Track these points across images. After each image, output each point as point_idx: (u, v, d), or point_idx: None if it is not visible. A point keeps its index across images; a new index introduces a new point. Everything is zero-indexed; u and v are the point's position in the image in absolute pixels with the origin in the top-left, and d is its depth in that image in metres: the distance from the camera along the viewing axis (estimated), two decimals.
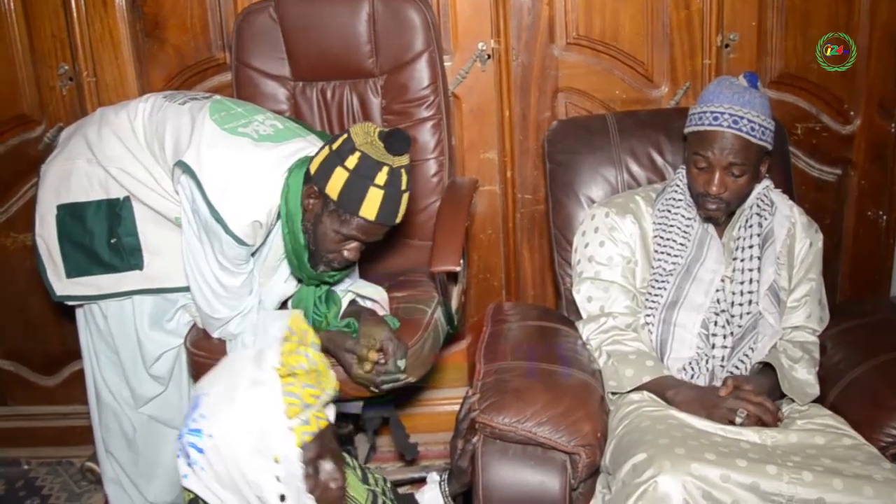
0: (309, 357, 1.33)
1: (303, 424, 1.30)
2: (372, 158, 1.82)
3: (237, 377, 1.31)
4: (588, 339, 2.06)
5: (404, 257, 2.50)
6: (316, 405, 1.32)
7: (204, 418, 1.28)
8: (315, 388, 1.32)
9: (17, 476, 2.86)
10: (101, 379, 2.28)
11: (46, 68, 2.62)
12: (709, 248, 2.02)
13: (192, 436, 1.29)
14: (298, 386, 1.30)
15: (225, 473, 1.28)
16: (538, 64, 2.64)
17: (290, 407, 1.28)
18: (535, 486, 1.75)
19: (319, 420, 1.33)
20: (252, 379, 1.29)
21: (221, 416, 1.27)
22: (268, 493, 1.28)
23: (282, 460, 1.27)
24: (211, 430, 1.27)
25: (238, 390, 1.29)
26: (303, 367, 1.31)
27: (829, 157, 2.75)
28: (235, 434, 1.26)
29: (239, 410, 1.27)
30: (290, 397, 1.28)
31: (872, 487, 1.58)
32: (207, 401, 1.30)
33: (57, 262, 2.18)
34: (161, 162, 2.08)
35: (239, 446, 1.26)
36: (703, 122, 1.94)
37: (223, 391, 1.30)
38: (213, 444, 1.27)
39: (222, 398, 1.29)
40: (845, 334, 2.10)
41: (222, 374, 1.34)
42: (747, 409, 1.79)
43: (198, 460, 1.29)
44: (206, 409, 1.29)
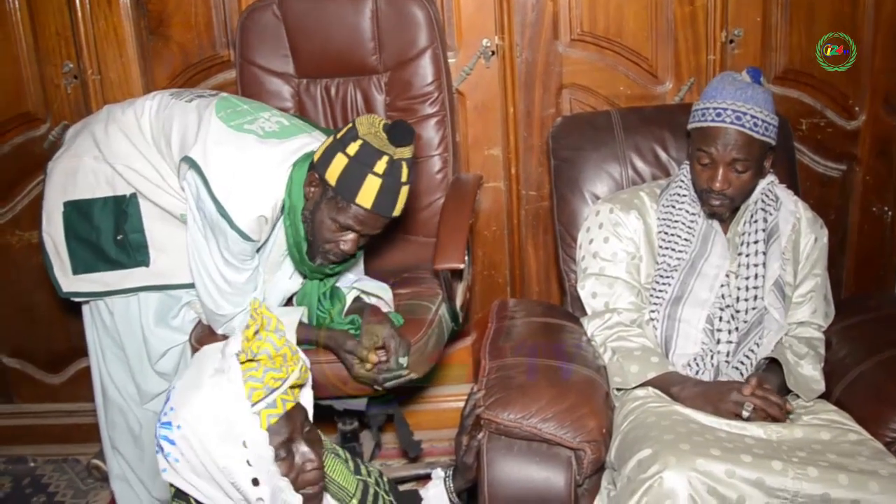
0: (272, 342, 1.33)
1: (268, 407, 1.31)
2: (373, 147, 1.82)
3: (202, 367, 1.33)
4: (593, 335, 2.06)
5: (408, 254, 2.50)
6: (281, 388, 1.33)
7: (173, 410, 1.30)
8: (279, 372, 1.33)
9: (23, 474, 2.87)
10: (107, 375, 2.29)
11: (51, 66, 2.62)
12: (713, 243, 2.02)
13: (163, 429, 1.30)
14: (261, 370, 1.31)
15: (198, 462, 1.29)
16: (542, 60, 2.64)
17: (252, 391, 1.29)
18: (541, 482, 1.75)
19: (286, 402, 1.34)
20: (215, 367, 1.31)
21: (187, 405, 1.29)
22: (240, 479, 1.29)
23: (249, 444, 1.28)
24: (179, 420, 1.28)
25: (202, 378, 1.31)
26: (266, 352, 1.32)
27: (834, 153, 2.74)
28: (201, 422, 1.28)
29: (203, 398, 1.29)
30: (252, 381, 1.30)
31: (878, 483, 1.58)
32: (175, 393, 1.32)
33: (63, 258, 2.19)
34: (167, 159, 2.09)
35: (206, 434, 1.27)
36: (706, 119, 1.94)
37: (189, 382, 1.32)
38: (182, 434, 1.28)
39: (188, 388, 1.31)
40: (850, 330, 2.10)
41: (191, 367, 1.37)
42: (753, 402, 1.79)
43: (171, 452, 1.30)
44: (174, 402, 1.31)
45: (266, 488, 1.30)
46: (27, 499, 2.73)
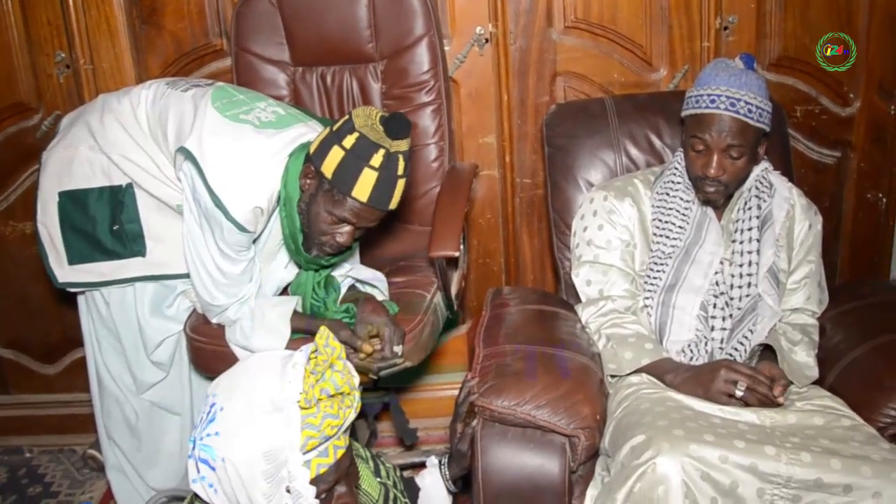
0: (334, 382, 1.27)
1: (319, 456, 1.27)
2: (369, 140, 1.82)
3: (257, 394, 1.26)
4: (587, 322, 2.07)
5: (404, 243, 2.50)
6: (335, 435, 1.29)
7: (218, 436, 1.24)
8: (336, 418, 1.27)
9: (19, 464, 2.88)
10: (103, 365, 2.29)
11: (43, 56, 2.61)
12: (707, 230, 2.02)
13: (204, 451, 1.26)
14: (319, 417, 1.25)
15: (233, 495, 1.26)
16: (536, 48, 2.63)
17: (308, 440, 1.25)
18: (535, 469, 1.76)
19: (337, 450, 1.30)
20: (272, 403, 1.25)
21: (235, 439, 1.24)
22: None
23: (293, 493, 1.25)
24: (224, 452, 1.24)
25: (255, 413, 1.25)
26: (327, 392, 1.26)
27: (829, 140, 2.74)
28: (248, 462, 1.23)
29: (255, 437, 1.23)
30: (310, 430, 1.24)
31: (870, 467, 1.59)
32: (223, 417, 1.26)
33: (59, 248, 2.19)
34: (164, 149, 2.08)
35: (251, 474, 1.23)
36: (700, 105, 1.94)
37: (240, 410, 1.26)
38: (225, 467, 1.24)
39: (238, 419, 1.25)
40: (844, 316, 2.10)
41: (241, 385, 1.29)
42: (742, 379, 1.79)
43: (207, 476, 1.27)
44: (221, 426, 1.25)
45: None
46: (23, 489, 2.74)
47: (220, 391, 1.30)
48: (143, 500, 2.35)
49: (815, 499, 1.59)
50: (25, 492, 2.73)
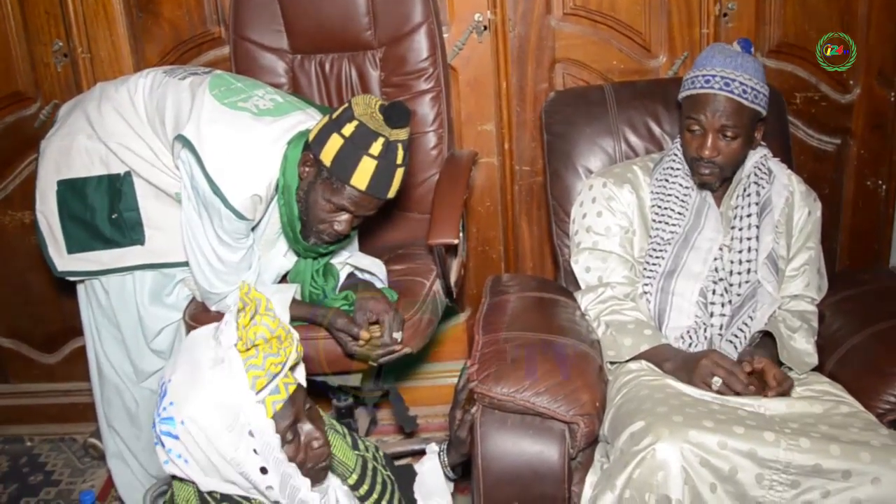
0: (266, 325, 1.32)
1: (272, 394, 1.31)
2: (368, 128, 1.81)
3: (198, 358, 1.31)
4: (586, 309, 2.07)
5: (403, 230, 2.50)
6: (281, 372, 1.33)
7: (173, 405, 1.28)
8: (277, 356, 1.32)
9: (20, 453, 2.88)
10: (102, 354, 2.29)
11: (40, 45, 2.60)
12: (707, 216, 2.02)
13: (164, 424, 1.29)
14: (260, 357, 1.30)
15: (202, 456, 1.28)
16: (535, 35, 2.62)
17: (255, 380, 1.29)
18: (534, 456, 1.76)
19: (288, 386, 1.34)
20: (213, 358, 1.30)
21: (189, 400, 1.27)
22: (248, 468, 1.29)
23: (256, 433, 1.28)
24: (181, 415, 1.27)
25: (201, 371, 1.29)
26: (262, 336, 1.31)
27: (829, 127, 2.73)
28: (206, 416, 1.27)
29: (205, 392, 1.27)
30: (254, 370, 1.29)
31: (869, 453, 1.59)
32: (173, 387, 1.30)
33: (58, 237, 2.19)
34: (162, 137, 2.08)
35: (211, 427, 1.27)
36: (695, 86, 1.94)
37: (187, 375, 1.30)
38: (186, 429, 1.27)
39: (187, 382, 1.29)
40: (844, 303, 2.10)
41: (183, 358, 1.34)
42: (717, 373, 1.79)
43: (173, 448, 1.30)
44: (173, 396, 1.29)
45: (275, 476, 1.30)
46: (24, 478, 2.75)
47: (167, 371, 1.35)
48: (144, 487, 2.36)
49: (814, 484, 1.59)
50: (27, 480, 2.73)
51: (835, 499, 1.59)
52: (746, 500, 1.60)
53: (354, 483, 1.60)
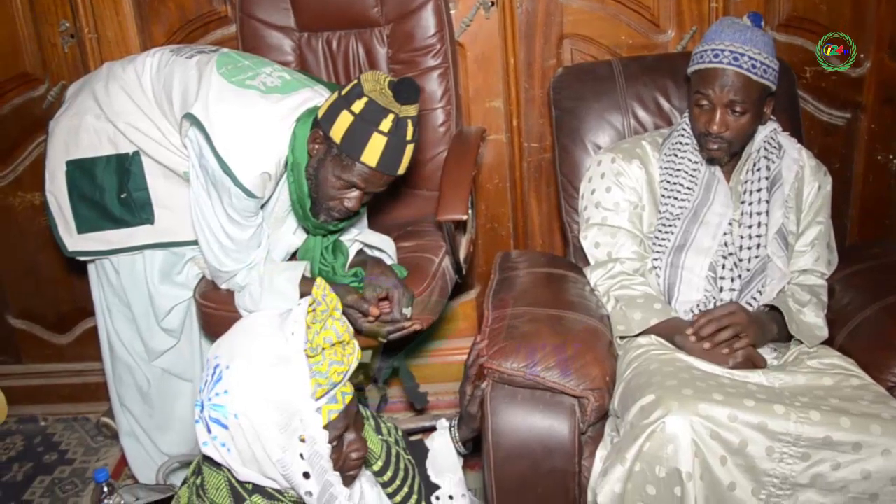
0: (335, 330, 1.30)
1: (329, 403, 1.30)
2: (378, 104, 1.81)
3: (261, 351, 1.29)
4: (596, 284, 2.06)
5: (412, 207, 2.50)
6: (342, 381, 1.32)
7: (227, 394, 1.26)
8: (341, 364, 1.30)
9: (34, 432, 2.91)
10: (114, 333, 2.31)
11: (47, 26, 2.60)
12: (716, 191, 2.02)
13: (214, 410, 1.27)
14: (325, 364, 1.28)
15: (248, 451, 1.27)
16: (543, 10, 2.60)
17: (317, 388, 1.27)
18: (544, 431, 1.76)
19: (345, 396, 1.33)
20: (278, 356, 1.27)
21: (246, 394, 1.25)
22: (292, 471, 1.28)
23: (308, 440, 1.27)
24: (235, 407, 1.25)
25: (263, 367, 1.27)
26: (329, 341, 1.29)
27: (839, 101, 2.71)
28: (261, 414, 1.25)
29: (265, 390, 1.25)
30: (318, 377, 1.27)
31: (880, 425, 1.59)
32: (229, 375, 1.27)
33: (68, 217, 2.20)
34: (169, 116, 2.08)
35: (264, 426, 1.25)
36: (704, 61, 1.93)
37: (246, 366, 1.28)
38: (238, 423, 1.26)
39: (247, 374, 1.27)
40: (854, 277, 2.10)
41: (242, 344, 1.31)
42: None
43: (219, 435, 1.28)
44: (229, 384, 1.27)
45: (316, 482, 1.29)
46: (39, 457, 2.77)
47: (222, 352, 1.32)
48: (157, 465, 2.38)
49: (825, 457, 1.59)
50: (41, 459, 2.76)
51: (845, 471, 1.59)
52: (757, 472, 1.60)
53: (379, 470, 1.60)
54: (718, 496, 1.61)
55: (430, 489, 1.74)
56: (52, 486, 2.63)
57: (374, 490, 1.55)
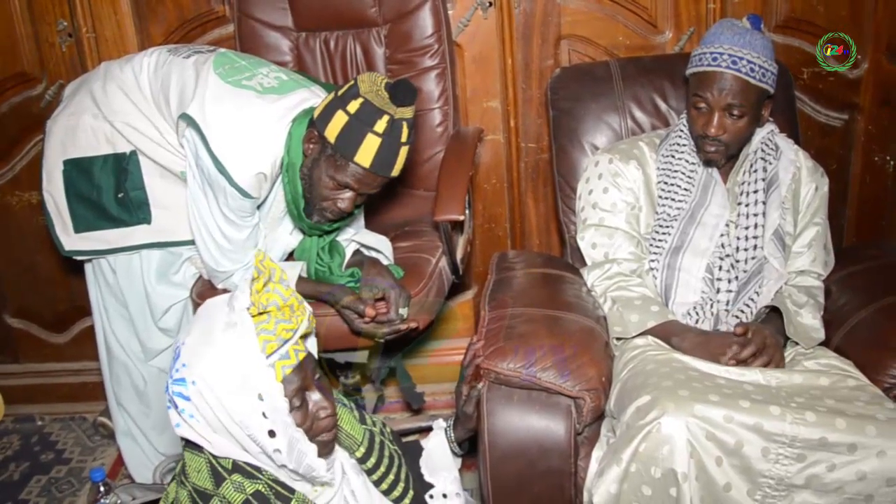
0: (279, 293, 1.34)
1: (282, 359, 1.32)
2: (374, 105, 1.81)
3: (212, 322, 1.33)
4: (593, 285, 2.07)
5: (409, 208, 2.50)
6: (292, 338, 1.35)
7: (185, 367, 1.30)
8: (289, 322, 1.34)
9: (31, 432, 2.91)
10: (111, 333, 2.31)
11: (45, 25, 2.60)
12: (713, 192, 2.02)
13: (176, 385, 1.31)
14: (272, 322, 1.32)
15: (213, 417, 1.30)
16: (540, 11, 2.60)
17: (266, 343, 1.30)
18: (541, 431, 1.76)
19: (298, 353, 1.35)
20: (226, 322, 1.31)
21: (201, 361, 1.29)
22: (256, 431, 1.30)
23: (265, 397, 1.29)
24: (193, 376, 1.29)
25: (214, 334, 1.31)
26: (275, 303, 1.33)
27: (836, 102, 2.72)
28: (216, 376, 1.28)
29: (217, 353, 1.29)
30: (265, 334, 1.31)
31: (875, 427, 1.59)
32: (185, 349, 1.32)
33: (65, 217, 2.20)
34: (166, 116, 2.08)
35: (221, 388, 1.28)
36: (702, 63, 1.93)
37: (199, 337, 1.32)
38: (197, 389, 1.29)
39: (199, 344, 1.31)
40: (850, 278, 2.10)
41: (197, 322, 1.37)
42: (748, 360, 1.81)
43: (185, 408, 1.31)
44: (185, 358, 1.31)
45: (283, 439, 1.32)
46: (36, 456, 2.77)
47: (181, 335, 1.37)
48: (153, 465, 2.39)
49: (820, 458, 1.59)
50: (38, 458, 2.76)
51: (840, 472, 1.59)
52: (752, 473, 1.60)
53: (362, 456, 1.61)
54: (714, 497, 1.61)
55: (424, 488, 1.74)
56: (49, 486, 2.63)
57: (359, 478, 1.55)
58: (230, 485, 1.33)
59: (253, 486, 1.33)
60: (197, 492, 1.35)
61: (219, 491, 1.33)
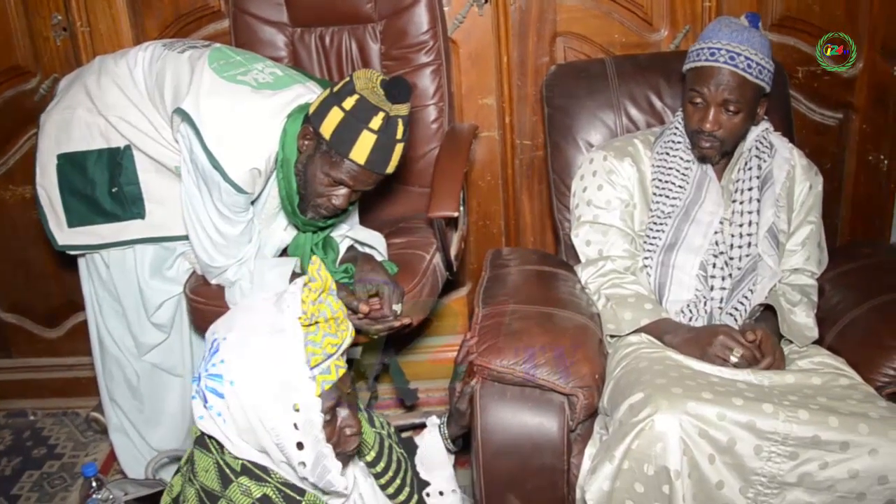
0: (329, 305, 1.33)
1: (323, 373, 1.31)
2: (369, 102, 1.81)
3: (257, 322, 1.31)
4: (587, 282, 2.07)
5: (403, 204, 2.50)
6: (336, 353, 1.34)
7: (224, 364, 1.28)
8: (335, 337, 1.33)
9: (23, 426, 2.90)
10: (104, 328, 2.30)
11: (39, 19, 2.59)
12: (707, 190, 2.02)
13: (211, 380, 1.29)
14: (320, 335, 1.31)
15: (243, 419, 1.29)
16: (536, 8, 2.60)
17: (311, 356, 1.29)
18: (534, 428, 1.76)
19: (339, 368, 1.35)
20: (273, 325, 1.29)
21: (243, 362, 1.28)
22: (285, 441, 1.29)
23: (302, 409, 1.28)
24: (232, 375, 1.27)
25: (259, 336, 1.29)
26: (324, 315, 1.32)
27: (831, 101, 2.72)
28: (257, 381, 1.27)
29: (261, 357, 1.28)
30: (312, 346, 1.29)
31: (867, 425, 1.60)
32: (226, 346, 1.30)
33: (58, 211, 2.19)
34: (161, 110, 2.08)
35: (260, 393, 1.27)
36: (700, 58, 1.93)
37: (243, 336, 1.30)
38: (234, 390, 1.27)
39: (242, 344, 1.29)
40: (844, 277, 2.10)
41: (239, 318, 1.34)
42: (736, 346, 1.80)
43: (215, 405, 1.30)
44: (226, 354, 1.29)
45: (310, 453, 1.31)
46: (28, 451, 2.77)
47: (220, 327, 1.35)
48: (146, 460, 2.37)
49: (813, 456, 1.60)
50: (30, 454, 2.75)
51: (833, 470, 1.59)
52: (745, 471, 1.61)
53: (372, 460, 1.61)
54: (706, 494, 1.61)
55: (420, 486, 1.74)
56: (41, 481, 2.62)
57: (367, 481, 1.56)
58: (237, 488, 1.32)
59: (260, 490, 1.32)
60: (205, 491, 1.34)
61: (226, 493, 1.32)
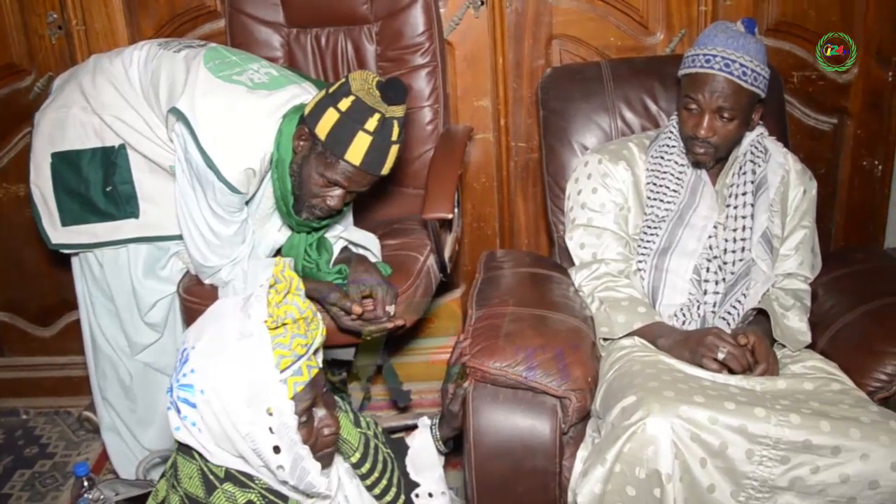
0: (296, 305, 1.32)
1: (294, 375, 1.30)
2: (365, 104, 1.81)
3: (225, 329, 1.30)
4: (580, 285, 2.07)
5: (398, 206, 2.50)
6: (306, 354, 1.33)
7: (194, 373, 1.27)
8: (304, 338, 1.32)
9: (15, 426, 2.89)
10: (97, 327, 2.30)
11: (35, 17, 2.59)
12: (702, 194, 2.02)
13: (182, 391, 1.29)
14: (288, 337, 1.29)
15: (217, 427, 1.28)
16: (532, 10, 2.60)
17: (280, 359, 1.28)
18: (526, 430, 1.77)
19: (311, 369, 1.34)
20: (240, 331, 1.29)
21: (212, 370, 1.27)
22: (262, 446, 1.29)
23: (275, 412, 1.28)
24: (202, 384, 1.27)
25: (227, 343, 1.28)
26: (291, 316, 1.30)
27: (826, 106, 2.73)
28: (227, 388, 1.26)
29: (230, 364, 1.27)
30: (281, 349, 1.28)
31: (859, 429, 1.60)
32: (195, 355, 1.29)
33: (52, 210, 2.18)
34: (156, 110, 2.07)
35: (231, 400, 1.26)
36: (695, 65, 1.93)
37: (211, 344, 1.29)
38: (205, 399, 1.27)
39: (211, 352, 1.28)
40: (837, 282, 2.11)
41: (208, 326, 1.33)
42: (724, 345, 1.80)
43: (188, 415, 1.29)
44: (195, 364, 1.28)
45: (287, 456, 1.30)
46: (20, 450, 2.76)
47: (189, 337, 1.34)
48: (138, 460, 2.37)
49: (804, 460, 1.60)
50: (22, 453, 2.74)
51: (824, 474, 1.60)
52: (736, 475, 1.61)
53: (357, 461, 1.60)
54: (698, 498, 1.62)
55: (409, 487, 1.74)
56: (33, 480, 2.62)
57: (352, 482, 1.55)
58: (221, 494, 1.32)
59: (245, 496, 1.32)
60: (189, 498, 1.33)
61: (210, 499, 1.32)
